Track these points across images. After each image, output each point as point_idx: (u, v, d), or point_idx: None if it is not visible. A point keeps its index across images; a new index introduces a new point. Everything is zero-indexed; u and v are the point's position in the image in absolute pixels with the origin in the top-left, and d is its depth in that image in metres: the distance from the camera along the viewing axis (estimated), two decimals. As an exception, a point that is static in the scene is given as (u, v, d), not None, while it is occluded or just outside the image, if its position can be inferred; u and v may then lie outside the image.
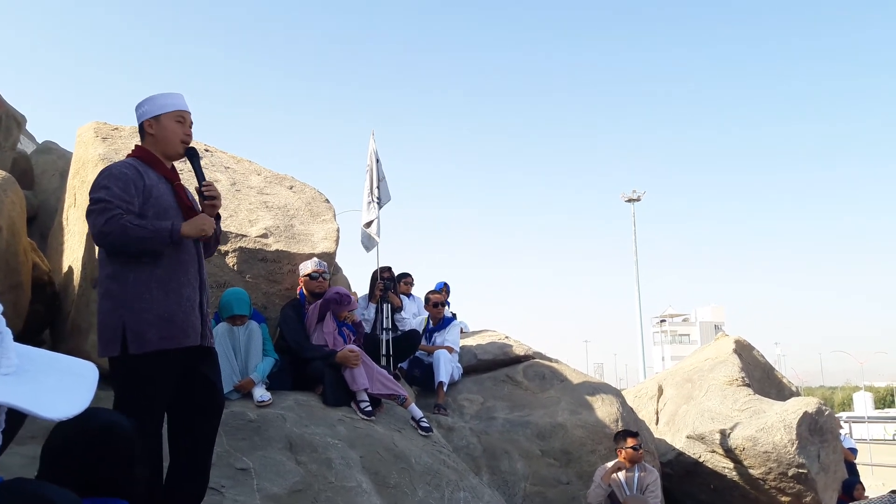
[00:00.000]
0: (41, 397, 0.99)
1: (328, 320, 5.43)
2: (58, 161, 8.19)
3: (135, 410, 2.93)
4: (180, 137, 3.27)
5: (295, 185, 6.51)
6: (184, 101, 3.33)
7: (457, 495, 4.78)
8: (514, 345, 7.92)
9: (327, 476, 4.21)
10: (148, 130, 3.26)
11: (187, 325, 3.10)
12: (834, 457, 7.61)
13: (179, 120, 3.27)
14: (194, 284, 3.19)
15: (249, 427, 4.43)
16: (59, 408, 1.00)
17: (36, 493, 1.20)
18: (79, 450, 1.77)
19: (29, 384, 1.00)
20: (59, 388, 1.04)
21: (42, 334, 5.83)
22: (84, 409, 1.03)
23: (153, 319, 3.00)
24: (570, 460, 6.34)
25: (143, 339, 2.98)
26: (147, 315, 3.00)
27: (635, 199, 40.19)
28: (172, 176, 3.30)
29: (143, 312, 3.00)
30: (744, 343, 9.08)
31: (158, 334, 3.00)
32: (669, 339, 77.48)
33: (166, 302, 3.05)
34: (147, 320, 3.00)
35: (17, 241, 4.88)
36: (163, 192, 3.20)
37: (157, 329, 3.00)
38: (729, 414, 7.65)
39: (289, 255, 5.58)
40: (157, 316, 3.01)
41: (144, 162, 3.22)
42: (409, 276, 8.28)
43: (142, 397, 3.00)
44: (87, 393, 1.07)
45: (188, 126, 3.31)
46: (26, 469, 3.49)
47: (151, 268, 3.05)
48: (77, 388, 1.07)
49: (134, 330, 2.98)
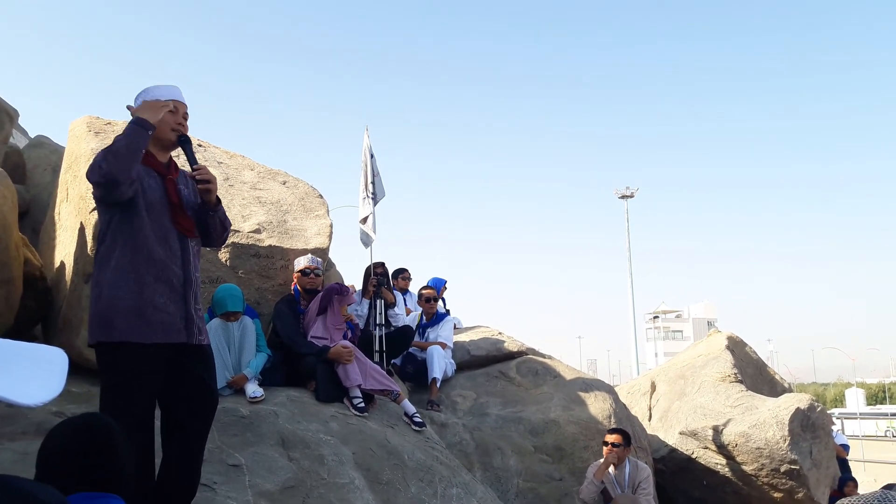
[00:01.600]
0: (15, 385, 1.00)
1: (334, 314, 5.41)
2: (50, 155, 8.15)
3: (115, 400, 2.97)
4: (171, 126, 3.28)
5: (288, 181, 6.49)
6: (179, 93, 3.36)
7: (449, 491, 4.78)
8: (507, 341, 7.92)
9: (320, 472, 4.20)
10: None
11: (156, 320, 3.06)
12: (826, 453, 7.65)
13: (172, 110, 3.27)
14: (174, 282, 3.15)
15: (242, 423, 4.42)
16: (34, 394, 1.01)
17: (20, 489, 1.20)
18: (58, 448, 1.82)
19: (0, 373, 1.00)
20: (31, 376, 1.05)
21: (34, 329, 5.80)
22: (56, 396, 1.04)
23: (123, 309, 3.01)
24: (562, 456, 6.35)
25: (112, 326, 3.00)
26: (118, 303, 3.02)
27: (629, 195, 40.32)
28: (164, 170, 3.29)
29: (114, 300, 3.02)
30: (736, 339, 9.10)
31: (126, 325, 3.00)
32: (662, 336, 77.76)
33: (140, 294, 3.05)
34: (117, 308, 3.01)
35: (8, 236, 4.85)
36: (152, 185, 3.20)
37: (125, 319, 3.01)
38: (721, 410, 7.68)
39: (282, 250, 5.57)
40: (127, 307, 3.02)
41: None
42: (406, 271, 8.16)
43: (121, 388, 3.00)
44: (59, 378, 1.08)
45: (181, 115, 3.32)
46: (18, 464, 3.48)
47: (132, 259, 3.07)
48: (49, 374, 1.08)
49: (105, 317, 3.02)
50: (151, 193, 3.17)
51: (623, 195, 40.28)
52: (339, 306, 5.52)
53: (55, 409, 4.11)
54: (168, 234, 3.19)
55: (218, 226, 3.43)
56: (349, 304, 5.66)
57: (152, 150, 3.27)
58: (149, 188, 3.17)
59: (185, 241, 3.27)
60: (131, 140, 3.02)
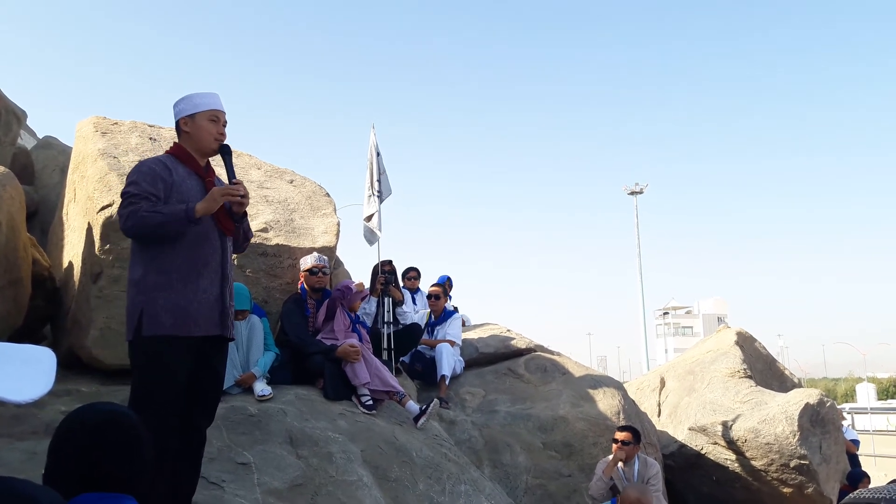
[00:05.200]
0: (5, 384, 1.01)
1: (340, 317, 5.43)
2: (58, 156, 8.19)
3: (155, 396, 3.06)
4: (214, 136, 3.39)
5: (295, 179, 6.50)
6: (219, 101, 3.46)
7: (458, 488, 4.79)
8: (516, 338, 7.92)
9: (328, 470, 4.21)
10: (183, 128, 3.40)
11: (200, 315, 3.20)
12: (836, 448, 7.61)
13: (213, 119, 3.40)
14: (214, 277, 3.29)
15: (250, 421, 4.43)
16: (25, 391, 1.02)
17: (18, 491, 1.19)
18: (78, 443, 1.73)
19: None
20: (20, 374, 1.06)
21: (42, 330, 5.83)
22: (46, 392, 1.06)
23: (169, 306, 3.13)
24: (571, 453, 6.34)
25: (157, 321, 3.11)
26: (164, 301, 3.13)
27: (638, 191, 40.18)
28: (204, 173, 3.42)
29: (160, 299, 3.14)
30: (746, 335, 9.06)
31: (172, 320, 3.13)
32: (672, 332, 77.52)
33: (184, 291, 3.17)
34: (163, 306, 3.13)
35: (16, 237, 4.88)
36: (192, 187, 3.32)
37: (171, 315, 3.13)
38: (731, 406, 7.64)
39: (289, 249, 5.57)
40: (174, 303, 3.14)
41: (177, 158, 3.37)
42: (415, 269, 8.10)
43: (162, 382, 3.10)
44: (48, 376, 1.10)
45: (221, 125, 3.43)
46: (26, 465, 3.50)
47: (172, 258, 3.18)
48: (38, 372, 1.09)
49: (150, 313, 3.12)
50: (191, 194, 3.28)
51: (632, 191, 40.15)
52: (348, 306, 5.53)
53: (63, 408, 4.13)
54: (210, 233, 3.32)
55: (241, 236, 3.58)
56: (362, 299, 5.66)
57: (193, 153, 3.40)
58: (188, 190, 3.29)
59: (225, 240, 3.41)
60: (168, 227, 3.13)
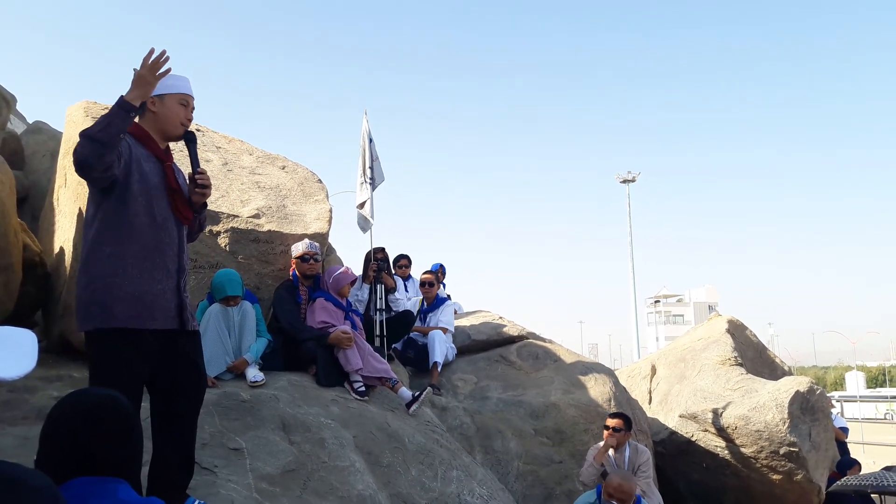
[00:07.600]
0: None
1: (328, 307, 5.42)
2: (48, 141, 8.13)
3: (108, 388, 2.94)
4: (181, 120, 3.26)
5: (287, 165, 6.47)
6: (189, 86, 3.32)
7: (450, 474, 4.81)
8: (508, 325, 7.93)
9: (320, 456, 4.22)
10: (150, 107, 3.21)
11: (156, 307, 3.06)
12: (825, 435, 7.67)
13: (183, 103, 3.26)
14: (171, 268, 3.15)
15: (242, 407, 4.43)
16: (8, 369, 1.03)
17: (8, 475, 1.19)
18: (71, 428, 1.74)
19: None
20: (4, 355, 1.08)
21: (34, 316, 5.81)
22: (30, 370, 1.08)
23: (123, 296, 2.98)
24: (562, 439, 6.37)
25: (111, 313, 2.96)
26: (117, 291, 2.98)
27: (630, 179, 40.17)
28: (164, 156, 3.26)
29: (113, 288, 2.98)
30: (737, 323, 9.11)
31: (126, 312, 2.97)
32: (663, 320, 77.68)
33: (140, 281, 3.02)
34: (117, 296, 2.97)
35: (6, 222, 4.85)
36: (151, 170, 3.16)
37: (125, 306, 2.97)
38: (721, 393, 7.69)
39: (281, 235, 5.56)
40: (128, 293, 2.99)
41: (135, 137, 3.16)
42: (406, 257, 8.02)
43: (115, 375, 2.93)
44: (31, 356, 1.12)
45: (190, 110, 3.30)
46: (19, 450, 3.49)
47: (128, 245, 3.02)
48: (21, 352, 1.11)
49: (102, 304, 2.97)
50: (150, 178, 3.13)
51: (624, 180, 40.12)
52: (335, 291, 5.52)
53: (55, 394, 4.13)
54: (167, 221, 3.16)
55: (196, 227, 3.45)
56: (350, 282, 5.63)
57: (154, 136, 3.23)
58: (148, 172, 3.13)
59: (182, 228, 3.27)
60: (109, 122, 2.83)
